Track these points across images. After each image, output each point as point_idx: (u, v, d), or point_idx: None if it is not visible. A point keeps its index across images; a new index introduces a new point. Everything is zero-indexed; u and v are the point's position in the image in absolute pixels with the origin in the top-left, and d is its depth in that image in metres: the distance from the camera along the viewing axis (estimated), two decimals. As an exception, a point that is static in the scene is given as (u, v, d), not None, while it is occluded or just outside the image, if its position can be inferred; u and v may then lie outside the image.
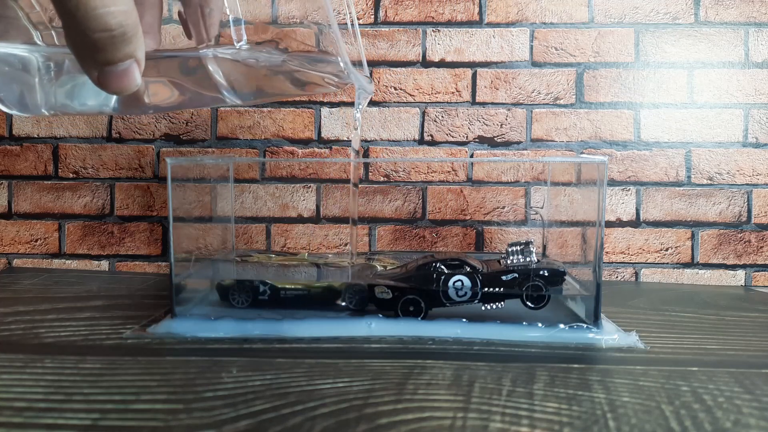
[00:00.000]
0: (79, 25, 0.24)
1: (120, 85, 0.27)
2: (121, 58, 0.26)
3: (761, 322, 0.48)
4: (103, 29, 0.24)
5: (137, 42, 0.26)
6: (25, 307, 0.49)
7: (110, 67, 0.26)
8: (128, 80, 0.27)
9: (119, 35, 0.25)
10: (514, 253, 0.46)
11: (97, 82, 0.27)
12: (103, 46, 0.25)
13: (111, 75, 0.26)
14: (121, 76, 0.26)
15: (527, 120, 0.68)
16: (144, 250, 0.69)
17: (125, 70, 0.26)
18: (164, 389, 0.32)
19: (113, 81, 0.27)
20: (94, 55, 0.26)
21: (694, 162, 0.67)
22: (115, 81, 0.27)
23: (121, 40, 0.25)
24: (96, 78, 0.27)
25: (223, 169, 0.59)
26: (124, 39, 0.25)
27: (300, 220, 0.69)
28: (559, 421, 0.28)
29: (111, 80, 0.26)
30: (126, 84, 0.27)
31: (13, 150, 0.70)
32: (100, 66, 0.26)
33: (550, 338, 0.42)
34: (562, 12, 0.67)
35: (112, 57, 0.26)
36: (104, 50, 0.25)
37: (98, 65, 0.26)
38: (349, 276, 0.50)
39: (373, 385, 0.32)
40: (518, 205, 0.68)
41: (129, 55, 0.26)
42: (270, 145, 0.69)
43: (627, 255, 0.68)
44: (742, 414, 0.29)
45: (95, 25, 0.24)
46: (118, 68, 0.26)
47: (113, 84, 0.27)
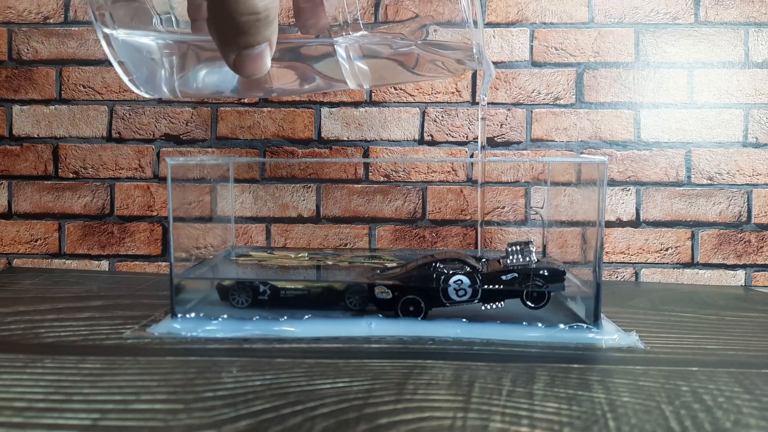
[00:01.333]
0: (228, 7, 0.25)
1: (254, 67, 0.27)
2: (260, 41, 0.27)
3: (761, 322, 0.48)
4: (252, 12, 0.25)
5: (275, 26, 0.27)
6: (25, 307, 0.49)
7: (248, 50, 0.27)
8: (262, 63, 0.27)
9: (264, 18, 0.26)
10: (513, 253, 0.46)
11: (233, 65, 0.27)
12: (247, 28, 0.26)
13: (247, 58, 0.27)
14: (256, 59, 0.27)
15: (527, 120, 0.68)
16: (144, 250, 0.69)
17: (260, 53, 0.27)
18: (164, 389, 0.32)
19: (249, 64, 0.27)
20: (236, 38, 0.26)
21: (694, 162, 0.67)
22: (251, 64, 0.27)
23: (264, 24, 0.26)
24: (233, 61, 0.27)
25: (223, 169, 0.59)
26: (267, 22, 0.26)
27: (300, 220, 0.69)
28: (559, 421, 0.28)
29: (247, 63, 0.27)
30: (259, 67, 0.27)
31: (13, 150, 0.70)
32: (240, 49, 0.27)
33: (550, 338, 0.42)
34: (562, 12, 0.67)
35: (254, 40, 0.26)
36: (247, 33, 0.26)
37: (238, 48, 0.27)
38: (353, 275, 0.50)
39: (373, 385, 0.32)
40: (518, 205, 0.68)
41: (267, 38, 0.27)
42: (270, 145, 0.69)
43: (627, 255, 0.68)
44: (742, 414, 0.29)
45: (243, 8, 0.25)
46: (255, 51, 0.27)
47: (248, 67, 0.27)
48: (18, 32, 0.70)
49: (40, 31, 0.69)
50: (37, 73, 0.70)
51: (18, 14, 0.70)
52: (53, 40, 0.69)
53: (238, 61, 0.27)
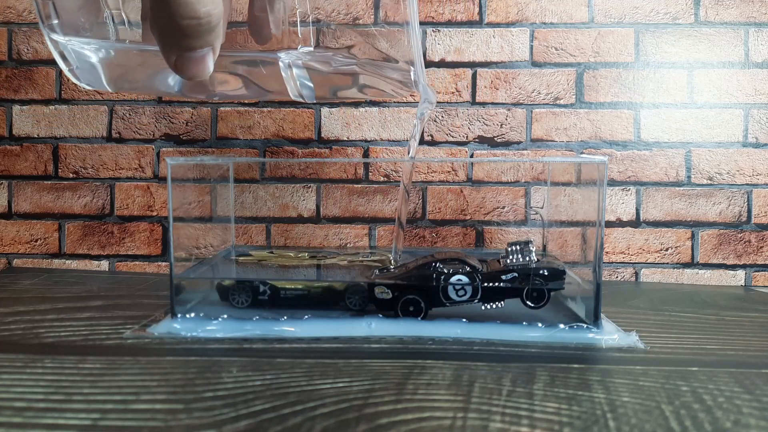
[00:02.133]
0: (169, 11, 0.26)
1: (195, 70, 0.28)
2: (201, 45, 0.27)
3: (761, 322, 0.48)
4: (193, 16, 0.26)
5: (217, 32, 0.27)
6: (25, 307, 0.49)
7: (189, 53, 0.27)
8: (203, 67, 0.28)
9: (205, 23, 0.26)
10: (513, 253, 0.46)
11: (174, 66, 0.28)
12: (189, 32, 0.26)
13: (188, 61, 0.28)
14: (197, 62, 0.28)
15: (527, 120, 0.68)
16: (144, 250, 0.69)
17: (202, 57, 0.28)
18: (164, 389, 0.32)
19: (190, 66, 0.28)
20: (177, 41, 0.27)
21: (694, 162, 0.67)
22: (192, 66, 0.28)
23: (206, 29, 0.27)
24: (173, 62, 0.28)
25: (223, 169, 0.59)
26: (209, 27, 0.27)
27: (300, 220, 0.69)
28: (559, 421, 0.28)
29: (188, 66, 0.28)
30: (200, 70, 0.28)
31: (13, 150, 0.70)
32: (181, 51, 0.27)
33: (550, 338, 0.42)
34: (562, 12, 0.67)
35: (194, 43, 0.27)
36: (189, 36, 0.27)
37: (179, 50, 0.27)
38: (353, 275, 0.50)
39: (373, 385, 0.32)
40: (518, 205, 0.68)
41: (208, 43, 0.28)
42: (270, 145, 0.69)
43: (627, 255, 0.68)
44: (742, 414, 0.29)
45: (185, 12, 0.26)
46: (196, 54, 0.28)
47: (189, 69, 0.28)
48: (18, 32, 0.70)
49: (40, 31, 0.69)
50: (37, 73, 0.70)
51: (18, 14, 0.70)
52: (53, 40, 0.69)
53: (179, 62, 0.28)
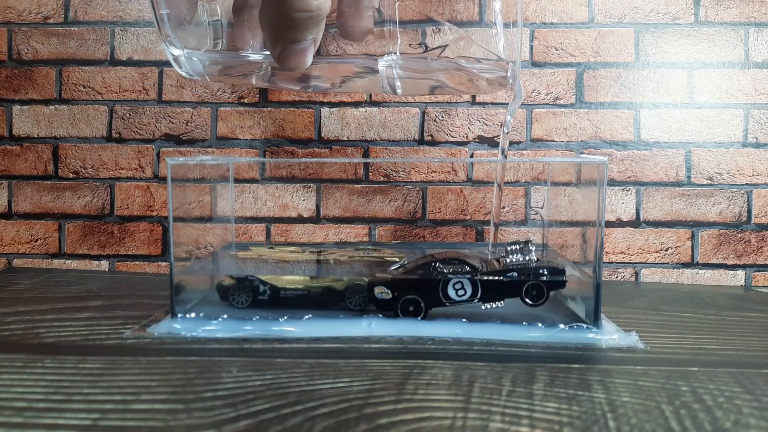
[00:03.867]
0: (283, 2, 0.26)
1: (296, 61, 0.29)
2: (306, 37, 0.28)
3: (761, 322, 0.48)
4: (305, 9, 0.26)
5: (322, 25, 0.28)
6: (25, 307, 0.49)
7: (294, 45, 0.28)
8: (304, 58, 0.29)
9: (315, 17, 0.27)
10: (513, 252, 0.46)
11: (277, 57, 0.29)
12: (298, 25, 0.27)
13: (292, 52, 0.28)
14: (300, 54, 0.29)
15: (527, 120, 0.68)
16: (144, 250, 0.69)
17: (304, 49, 0.28)
18: (164, 389, 0.32)
19: (292, 58, 0.29)
20: (286, 32, 0.27)
21: (694, 162, 0.67)
22: (294, 58, 0.29)
23: (314, 21, 0.27)
24: (278, 54, 0.29)
25: (223, 169, 0.59)
26: (318, 20, 0.27)
27: (300, 220, 0.69)
28: (559, 421, 0.28)
29: (291, 57, 0.29)
30: (301, 61, 0.29)
31: (13, 150, 0.70)
32: (287, 43, 0.28)
33: (549, 338, 0.42)
34: (562, 12, 0.67)
35: (301, 36, 0.28)
36: (297, 29, 0.27)
37: (285, 42, 0.28)
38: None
39: (373, 385, 0.32)
40: (518, 205, 0.68)
41: (312, 35, 0.28)
42: (270, 145, 0.69)
43: (627, 255, 0.68)
44: (742, 414, 0.29)
45: (298, 5, 0.26)
46: (300, 47, 0.28)
47: (291, 60, 0.29)
48: (18, 32, 0.70)
49: (40, 31, 0.69)
50: (37, 73, 0.70)
51: (18, 14, 0.70)
52: (53, 40, 0.69)
53: (282, 54, 0.29)
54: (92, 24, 0.69)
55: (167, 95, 0.69)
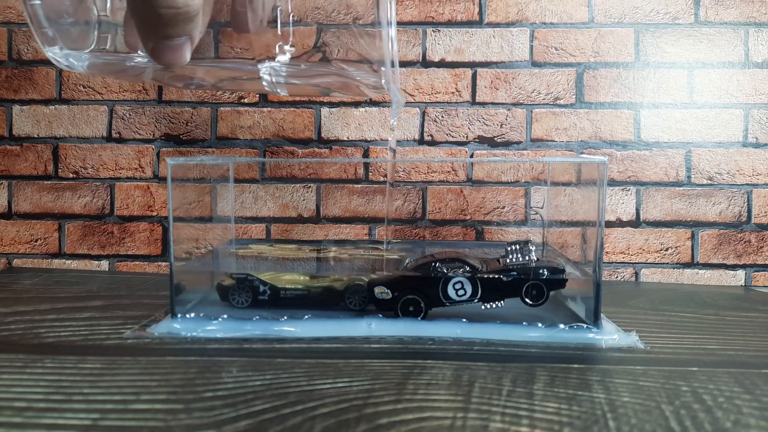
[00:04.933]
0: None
1: (171, 58, 0.29)
2: (179, 34, 0.28)
3: (761, 322, 0.48)
4: (170, 6, 0.26)
5: (196, 22, 0.28)
6: (25, 307, 0.49)
7: (166, 41, 0.28)
8: (179, 55, 0.29)
9: (183, 13, 0.27)
10: (513, 252, 0.46)
11: (151, 52, 0.29)
12: (166, 21, 0.27)
13: (166, 48, 0.28)
14: (174, 50, 0.28)
15: (527, 120, 0.68)
16: (144, 250, 0.69)
17: (179, 45, 0.28)
18: (164, 389, 0.32)
19: (166, 54, 0.28)
20: (156, 28, 0.27)
21: (694, 162, 0.67)
22: (168, 54, 0.28)
23: (183, 18, 0.27)
24: (150, 49, 0.28)
25: (223, 169, 0.59)
26: (187, 18, 0.27)
27: (300, 220, 0.69)
28: (559, 421, 0.28)
29: (164, 53, 0.28)
30: (176, 58, 0.29)
31: (13, 150, 0.70)
32: (158, 38, 0.28)
33: (549, 338, 0.42)
34: (562, 12, 0.67)
35: (172, 32, 0.28)
36: (166, 25, 0.27)
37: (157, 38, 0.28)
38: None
39: (373, 385, 0.32)
40: (518, 205, 0.68)
41: (186, 32, 0.28)
42: (270, 145, 0.69)
43: (627, 255, 0.68)
44: (742, 414, 0.29)
45: (163, 2, 0.26)
46: (173, 42, 0.28)
47: (166, 56, 0.29)
48: (18, 32, 0.70)
49: (40, 31, 0.69)
50: (37, 73, 0.70)
51: (18, 14, 0.70)
52: (53, 40, 0.69)
53: (156, 49, 0.28)
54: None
55: (167, 95, 0.69)
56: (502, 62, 0.68)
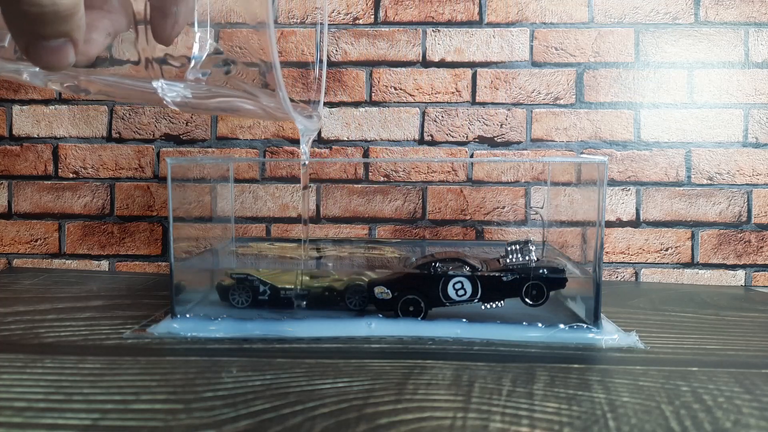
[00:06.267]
0: None
1: (48, 60, 0.27)
2: (54, 35, 0.26)
3: (761, 322, 0.48)
4: (33, 3, 0.24)
5: (73, 23, 0.26)
6: (25, 307, 0.49)
7: (42, 41, 0.26)
8: (59, 58, 0.26)
9: (50, 12, 0.25)
10: (513, 252, 0.46)
11: (25, 52, 0.27)
12: (33, 19, 0.25)
13: (41, 49, 0.26)
14: (52, 52, 0.26)
15: (527, 120, 0.68)
16: (144, 250, 0.69)
17: (57, 47, 0.26)
18: (164, 389, 0.32)
19: (42, 55, 0.26)
20: (25, 27, 0.26)
21: (694, 162, 0.67)
22: (45, 55, 0.26)
23: (53, 18, 0.25)
24: (24, 48, 0.26)
25: (223, 169, 0.59)
26: (57, 17, 0.25)
27: (300, 220, 0.69)
28: (559, 421, 0.28)
29: (40, 54, 0.26)
30: (55, 61, 0.27)
31: (13, 150, 0.70)
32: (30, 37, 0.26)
33: (550, 338, 0.42)
34: (562, 12, 0.67)
35: (44, 31, 0.25)
36: (35, 23, 0.25)
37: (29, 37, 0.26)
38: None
39: (373, 385, 0.32)
40: (518, 205, 0.68)
41: (63, 33, 0.26)
42: (270, 145, 0.69)
43: (627, 255, 0.68)
44: (742, 414, 0.29)
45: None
46: (50, 44, 0.26)
47: (42, 58, 0.26)
48: (18, 32, 0.70)
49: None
50: (37, 73, 0.70)
51: (18, 14, 0.70)
52: (53, 40, 0.69)
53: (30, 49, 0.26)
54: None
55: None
56: (502, 62, 0.68)
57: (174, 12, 0.32)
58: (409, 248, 0.56)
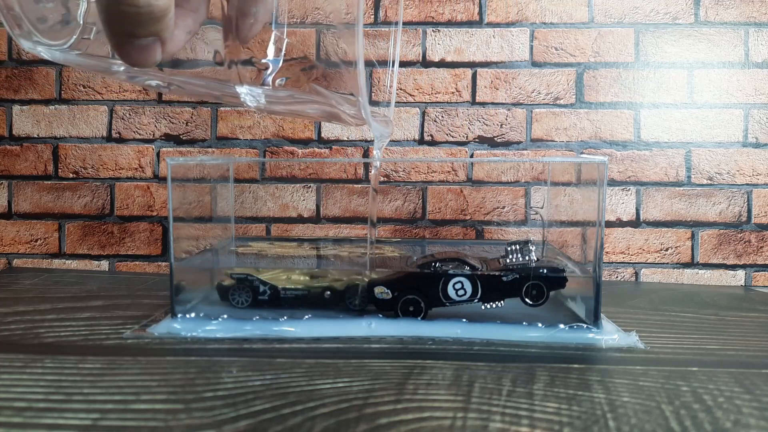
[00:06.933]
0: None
1: (138, 58, 0.28)
2: (144, 34, 0.27)
3: (761, 322, 0.48)
4: (131, 3, 0.25)
5: (164, 23, 0.27)
6: (25, 307, 0.49)
7: (133, 39, 0.27)
8: (147, 56, 0.28)
9: (146, 13, 0.26)
10: (513, 252, 0.46)
11: (116, 49, 0.28)
12: (129, 18, 0.26)
13: (131, 47, 0.27)
14: (141, 50, 0.28)
15: (527, 120, 0.68)
16: (144, 250, 0.69)
17: (146, 46, 0.27)
18: (164, 389, 0.32)
19: (132, 53, 0.28)
20: (119, 25, 0.27)
21: (694, 162, 0.67)
22: (134, 53, 0.28)
23: (147, 18, 0.26)
24: (115, 45, 0.28)
25: (223, 169, 0.59)
26: (151, 18, 0.26)
27: (300, 220, 0.69)
28: (559, 421, 0.28)
29: (129, 51, 0.28)
30: (144, 59, 0.28)
31: (13, 150, 0.70)
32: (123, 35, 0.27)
33: (550, 338, 0.42)
34: (562, 12, 0.67)
35: (136, 31, 0.27)
36: (129, 23, 0.26)
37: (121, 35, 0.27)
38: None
39: (373, 385, 0.32)
40: (518, 205, 0.68)
41: (153, 33, 0.27)
42: (270, 145, 0.69)
43: (627, 255, 0.68)
44: (742, 414, 0.29)
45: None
46: (140, 42, 0.27)
47: (130, 55, 0.28)
48: (18, 32, 0.70)
49: (40, 31, 0.69)
50: (37, 73, 0.70)
51: (18, 14, 0.70)
52: (53, 40, 0.69)
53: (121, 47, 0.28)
54: (92, 24, 0.69)
55: (167, 95, 0.69)
56: (502, 62, 0.68)
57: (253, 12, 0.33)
58: (409, 247, 0.56)
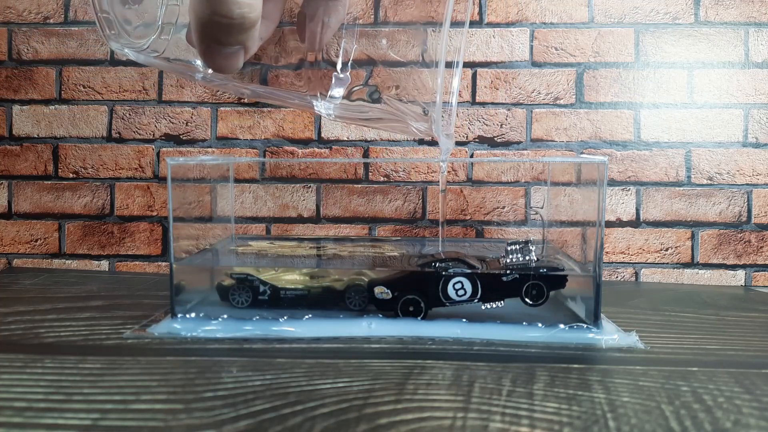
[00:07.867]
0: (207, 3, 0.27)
1: (222, 64, 0.29)
2: (232, 43, 0.28)
3: (761, 322, 0.48)
4: (226, 15, 0.27)
5: (251, 33, 0.28)
6: (25, 307, 0.49)
7: (220, 47, 0.28)
8: (231, 63, 0.29)
9: (237, 24, 0.27)
10: (513, 252, 0.46)
11: (202, 55, 0.29)
12: (219, 28, 0.27)
13: (217, 53, 0.29)
14: (226, 57, 0.29)
15: (527, 120, 0.68)
16: (144, 250, 0.69)
17: (231, 53, 0.29)
18: (164, 389, 0.32)
19: (217, 59, 0.29)
20: (209, 33, 0.28)
21: (694, 162, 0.67)
22: (219, 60, 0.29)
23: (237, 29, 0.27)
24: (202, 51, 0.29)
25: (223, 169, 0.59)
26: (241, 28, 0.27)
27: (300, 220, 0.69)
28: (559, 421, 0.28)
29: (215, 58, 0.29)
30: (228, 66, 0.29)
31: (13, 150, 0.70)
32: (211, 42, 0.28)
33: (550, 338, 0.42)
34: (562, 12, 0.67)
35: (224, 40, 0.28)
36: (219, 32, 0.28)
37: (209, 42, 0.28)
38: None
39: (373, 385, 0.32)
40: (518, 205, 0.68)
41: (240, 42, 0.28)
42: (270, 145, 0.69)
43: (627, 255, 0.68)
44: (742, 414, 0.29)
45: (220, 10, 0.26)
46: (226, 50, 0.29)
47: (216, 61, 0.29)
48: (18, 32, 0.70)
49: (40, 31, 0.69)
50: (37, 73, 0.70)
51: (18, 14, 0.70)
52: (53, 40, 0.69)
53: (207, 53, 0.29)
54: (92, 24, 0.69)
55: (167, 95, 0.69)
56: (502, 62, 0.68)
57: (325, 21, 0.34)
58: (409, 246, 0.56)
